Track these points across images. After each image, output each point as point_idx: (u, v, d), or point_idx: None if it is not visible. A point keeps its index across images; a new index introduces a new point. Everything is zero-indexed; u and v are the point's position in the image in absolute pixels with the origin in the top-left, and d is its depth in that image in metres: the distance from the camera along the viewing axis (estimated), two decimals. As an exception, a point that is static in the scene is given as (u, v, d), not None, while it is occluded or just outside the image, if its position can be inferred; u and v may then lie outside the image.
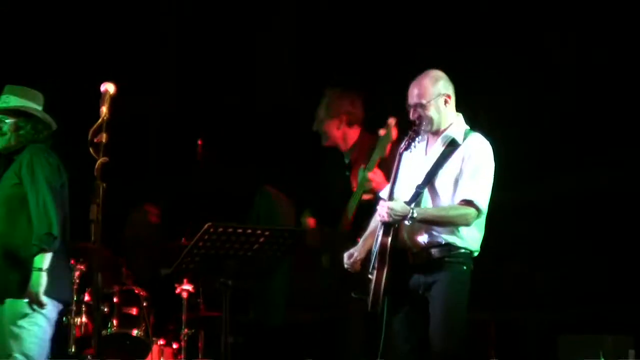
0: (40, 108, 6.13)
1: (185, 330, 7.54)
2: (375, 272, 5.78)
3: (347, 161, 6.95)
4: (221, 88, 9.00)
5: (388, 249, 5.77)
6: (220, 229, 5.94)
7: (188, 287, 7.55)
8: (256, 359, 8.06)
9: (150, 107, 8.24)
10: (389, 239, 5.76)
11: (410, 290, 5.83)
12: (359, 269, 5.98)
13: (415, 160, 5.95)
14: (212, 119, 8.82)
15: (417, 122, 5.90)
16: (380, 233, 5.78)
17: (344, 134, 6.91)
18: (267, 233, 6.06)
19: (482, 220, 5.86)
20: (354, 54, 8.56)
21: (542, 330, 8.26)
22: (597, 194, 8.27)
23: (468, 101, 6.11)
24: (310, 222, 6.95)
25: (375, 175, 6.53)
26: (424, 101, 5.87)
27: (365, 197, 6.60)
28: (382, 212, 5.76)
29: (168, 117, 8.72)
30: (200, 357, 7.60)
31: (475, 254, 5.88)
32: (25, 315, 5.82)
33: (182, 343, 7.54)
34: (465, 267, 5.82)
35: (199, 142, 8.04)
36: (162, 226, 8.07)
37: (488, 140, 5.90)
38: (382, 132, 6.59)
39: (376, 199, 6.19)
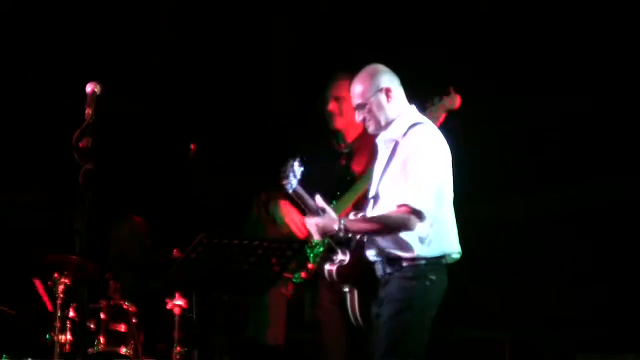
0: None
1: (178, 348, 7.34)
2: (348, 290, 5.85)
3: (346, 150, 6.82)
4: (214, 90, 9.05)
5: (336, 275, 5.81)
6: (215, 241, 5.80)
7: (180, 302, 7.32)
8: None
9: (136, 108, 8.34)
10: (335, 267, 5.79)
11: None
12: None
13: (376, 170, 5.87)
14: (205, 122, 8.84)
15: (365, 124, 5.80)
16: (337, 258, 5.80)
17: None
18: (265, 245, 5.86)
19: (441, 220, 5.64)
20: (349, 61, 8.43)
21: (560, 349, 8.23)
22: (613, 205, 8.27)
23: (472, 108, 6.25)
24: (284, 205, 6.82)
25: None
26: (362, 100, 5.74)
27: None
28: (310, 230, 5.78)
29: (156, 119, 8.78)
30: None
31: (448, 259, 5.71)
32: None
33: None
34: (415, 282, 5.62)
35: (192, 146, 7.81)
36: (151, 237, 7.96)
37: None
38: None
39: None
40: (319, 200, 5.80)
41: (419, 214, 5.54)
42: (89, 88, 5.69)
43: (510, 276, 8.18)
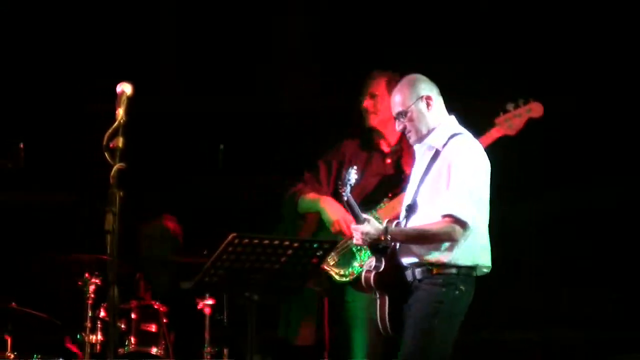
0: None
1: (208, 348, 7.39)
2: (378, 296, 5.86)
3: (391, 149, 6.78)
4: (242, 91, 9.05)
5: (373, 282, 5.81)
6: (245, 240, 5.74)
7: (211, 302, 7.40)
8: None
9: (166, 109, 8.14)
10: (372, 274, 5.80)
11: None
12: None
13: (412, 178, 5.92)
14: (234, 123, 8.84)
15: (405, 134, 5.83)
16: (372, 264, 5.83)
17: None
18: (295, 245, 5.86)
19: (478, 232, 5.66)
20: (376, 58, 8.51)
21: (592, 351, 8.24)
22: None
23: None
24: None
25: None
26: (403, 108, 5.75)
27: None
28: (356, 236, 5.82)
29: (185, 120, 8.79)
30: None
31: (478, 270, 5.75)
32: None
33: None
34: (445, 289, 5.65)
35: (221, 146, 8.04)
36: (182, 237, 8.00)
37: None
38: None
39: None
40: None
41: (463, 225, 5.59)
42: (119, 88, 5.61)
43: (542, 277, 8.18)
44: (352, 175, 5.85)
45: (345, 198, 5.87)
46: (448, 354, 5.71)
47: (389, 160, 6.77)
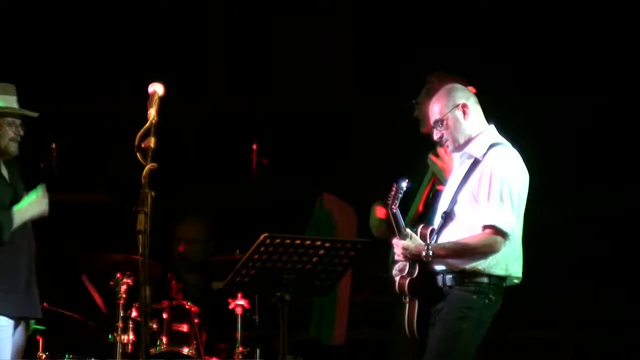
0: None
1: (240, 348, 7.41)
2: (408, 300, 5.83)
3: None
4: (276, 91, 9.14)
5: (407, 289, 5.77)
6: (277, 240, 5.78)
7: (242, 302, 7.43)
8: None
9: (199, 110, 8.09)
10: (407, 281, 5.76)
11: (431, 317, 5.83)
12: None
13: (449, 185, 5.89)
14: (265, 123, 8.88)
15: (442, 142, 5.85)
16: (405, 270, 5.78)
17: None
18: (327, 245, 5.90)
19: (513, 243, 5.67)
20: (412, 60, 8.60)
21: (623, 352, 8.26)
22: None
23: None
24: (379, 211, 6.70)
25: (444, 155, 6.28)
26: (440, 116, 5.72)
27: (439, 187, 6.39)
28: (397, 251, 5.78)
29: (218, 121, 8.86)
30: None
31: (509, 281, 5.71)
32: None
33: None
34: (475, 297, 5.64)
35: (254, 147, 8.03)
36: (214, 238, 8.04)
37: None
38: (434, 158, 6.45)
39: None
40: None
41: (505, 235, 5.56)
42: (151, 89, 5.58)
43: (574, 278, 8.18)
44: (404, 187, 5.82)
45: (393, 212, 5.83)
46: (470, 359, 5.71)
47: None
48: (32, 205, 6.03)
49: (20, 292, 6.04)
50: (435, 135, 5.84)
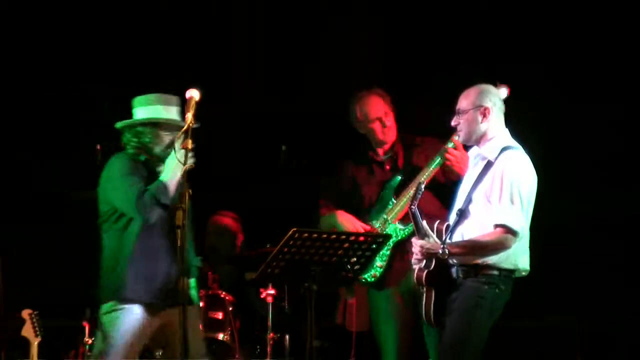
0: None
1: (271, 334, 7.44)
2: (425, 290, 5.86)
3: (385, 157, 6.86)
4: (304, 94, 9.08)
5: (424, 280, 5.80)
6: (305, 235, 5.77)
7: (273, 291, 7.48)
8: None
9: (231, 112, 8.09)
10: (424, 273, 5.79)
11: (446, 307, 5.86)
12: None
13: (464, 184, 5.94)
14: (295, 124, 8.88)
15: (457, 129, 5.93)
16: (422, 263, 5.82)
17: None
18: (351, 239, 5.89)
19: (522, 239, 5.70)
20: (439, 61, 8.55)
21: (633, 339, 8.21)
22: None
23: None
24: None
25: (459, 151, 6.29)
26: (462, 107, 5.81)
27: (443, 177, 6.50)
28: (415, 250, 5.82)
29: (250, 122, 8.82)
30: None
31: (517, 273, 5.76)
32: None
33: (268, 347, 7.45)
34: (486, 287, 5.69)
35: (284, 148, 7.95)
36: (246, 232, 8.10)
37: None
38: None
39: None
40: (425, 225, 5.86)
41: (515, 234, 5.60)
42: (188, 94, 5.65)
43: (582, 269, 8.15)
44: (422, 189, 5.88)
45: (412, 211, 5.85)
46: (482, 344, 5.74)
47: (387, 167, 6.81)
48: (172, 163, 5.73)
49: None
50: (453, 122, 5.93)
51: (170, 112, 5.91)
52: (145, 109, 5.95)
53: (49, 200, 8.91)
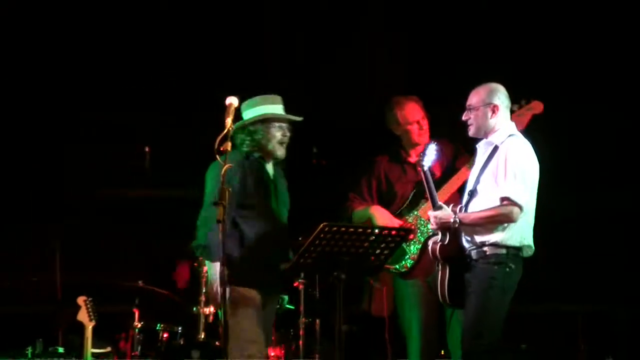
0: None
1: (303, 319, 7.50)
2: (440, 268, 5.99)
3: (415, 159, 6.85)
4: (333, 100, 9.05)
5: (438, 253, 5.95)
6: (334, 229, 5.84)
7: (305, 280, 7.51)
8: (367, 345, 8.02)
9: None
10: (438, 245, 5.94)
11: (464, 287, 5.93)
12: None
13: (474, 168, 6.07)
14: (323, 128, 8.77)
15: (467, 123, 6.02)
16: (438, 238, 5.96)
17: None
18: (376, 232, 5.95)
19: (526, 217, 5.83)
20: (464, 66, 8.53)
21: (634, 323, 8.24)
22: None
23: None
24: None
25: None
26: (473, 104, 5.93)
27: None
28: (431, 221, 5.98)
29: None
30: (316, 344, 7.60)
31: (524, 251, 5.87)
32: None
33: (300, 331, 7.50)
34: (497, 267, 5.81)
35: (314, 150, 8.15)
36: None
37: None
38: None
39: None
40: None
41: (519, 207, 5.74)
42: (228, 101, 5.69)
43: (585, 259, 8.16)
44: (433, 149, 6.01)
45: (425, 168, 5.99)
46: (501, 322, 5.84)
47: (419, 168, 6.71)
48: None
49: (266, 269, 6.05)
50: (464, 117, 6.05)
51: (277, 109, 6.03)
52: (252, 109, 6.07)
53: (100, 199, 8.96)
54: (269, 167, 6.24)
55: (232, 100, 5.69)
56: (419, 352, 6.73)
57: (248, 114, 6.11)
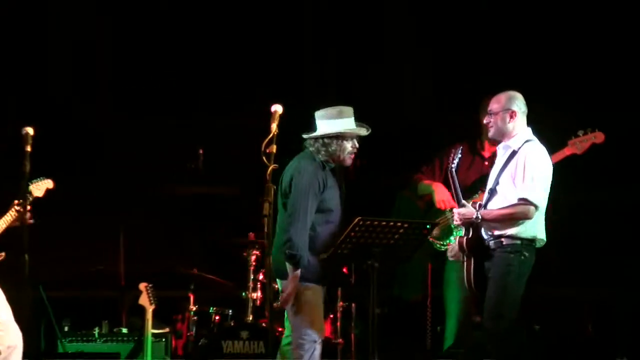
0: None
1: (341, 303, 7.56)
2: (465, 259, 6.12)
3: (488, 154, 7.02)
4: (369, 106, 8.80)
5: (464, 245, 6.09)
6: (368, 222, 5.96)
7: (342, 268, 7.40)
8: (398, 327, 8.10)
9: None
10: (465, 239, 6.09)
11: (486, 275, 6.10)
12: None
13: (494, 169, 6.21)
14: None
15: (488, 127, 6.17)
16: (462, 232, 6.14)
17: None
18: (405, 225, 6.08)
19: (538, 213, 5.97)
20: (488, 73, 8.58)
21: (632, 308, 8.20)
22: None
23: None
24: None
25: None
26: (493, 110, 6.09)
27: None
28: (455, 217, 6.13)
29: None
30: (352, 325, 7.62)
31: (537, 242, 6.02)
32: None
33: (338, 314, 7.57)
34: (512, 256, 5.96)
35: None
36: None
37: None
38: None
39: None
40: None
41: (535, 206, 5.95)
42: (273, 108, 5.78)
43: (592, 249, 8.19)
44: (458, 151, 6.26)
45: (452, 168, 6.21)
46: (518, 304, 6.01)
47: (486, 163, 7.00)
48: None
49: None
50: (485, 120, 6.21)
51: (349, 123, 6.11)
52: (328, 122, 6.10)
53: (159, 195, 8.99)
54: (332, 173, 6.34)
55: (277, 108, 5.79)
56: (455, 330, 6.94)
57: (324, 125, 6.13)
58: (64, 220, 8.59)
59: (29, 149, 5.91)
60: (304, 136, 6.15)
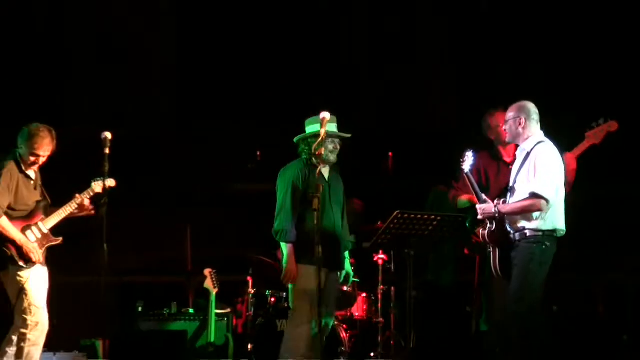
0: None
1: (381, 287, 7.70)
2: (492, 249, 6.25)
3: (510, 160, 6.92)
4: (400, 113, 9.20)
5: (487, 237, 6.20)
6: (405, 215, 6.31)
7: (382, 256, 7.74)
8: (432, 309, 8.18)
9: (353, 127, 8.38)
10: (486, 231, 6.21)
11: (511, 263, 6.23)
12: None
13: (513, 170, 6.41)
14: (398, 137, 8.98)
15: (505, 132, 6.39)
16: (487, 224, 6.24)
17: None
18: (438, 218, 6.41)
19: (556, 206, 6.14)
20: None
21: None
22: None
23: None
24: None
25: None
26: (508, 117, 6.36)
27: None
28: (479, 212, 6.25)
29: (367, 134, 8.81)
30: (391, 306, 7.72)
31: (558, 233, 6.16)
32: None
33: (378, 296, 7.69)
34: (535, 245, 6.11)
35: (390, 154, 8.48)
36: (365, 213, 8.24)
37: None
38: None
39: None
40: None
41: (545, 199, 6.13)
42: (322, 115, 5.98)
43: (606, 238, 8.24)
44: (470, 156, 6.31)
45: (466, 171, 6.27)
46: (540, 289, 6.16)
47: (511, 167, 6.85)
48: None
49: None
50: (503, 126, 6.43)
51: (331, 127, 6.31)
52: (312, 126, 6.33)
53: (222, 191, 9.19)
54: (325, 171, 6.47)
55: (326, 115, 6.04)
56: (488, 314, 6.93)
57: (308, 129, 6.40)
58: (140, 214, 8.77)
59: (107, 151, 6.00)
60: (294, 139, 6.39)
